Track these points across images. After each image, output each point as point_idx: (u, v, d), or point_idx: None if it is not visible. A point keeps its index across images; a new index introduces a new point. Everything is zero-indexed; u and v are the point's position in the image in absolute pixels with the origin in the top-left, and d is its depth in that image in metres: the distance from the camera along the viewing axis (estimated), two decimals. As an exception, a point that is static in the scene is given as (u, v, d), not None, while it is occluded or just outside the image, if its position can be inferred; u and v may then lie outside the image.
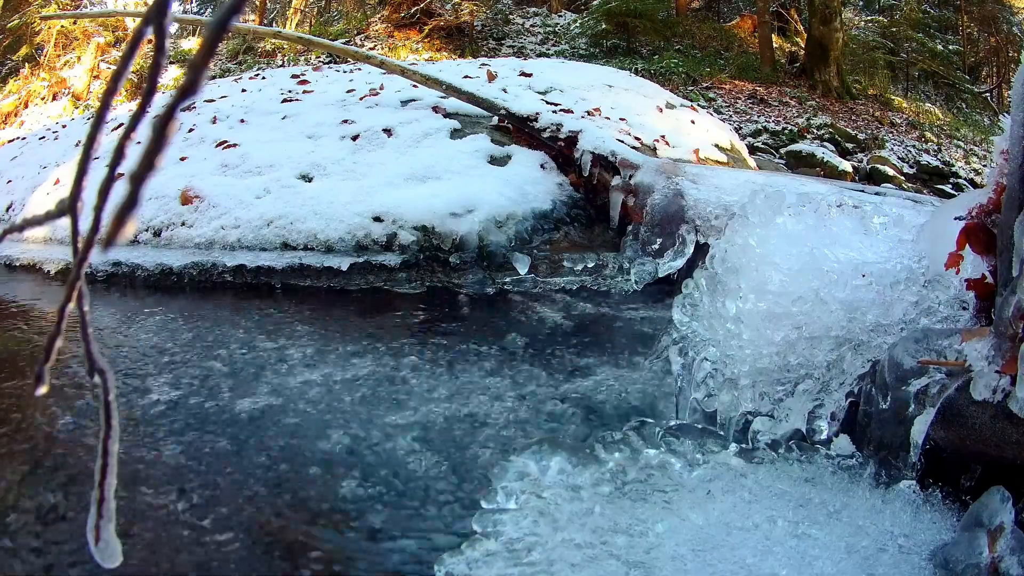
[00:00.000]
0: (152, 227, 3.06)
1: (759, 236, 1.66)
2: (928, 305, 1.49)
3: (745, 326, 1.58)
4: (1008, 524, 1.07)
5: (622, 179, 2.95)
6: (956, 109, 16.71)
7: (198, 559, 1.22)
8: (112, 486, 0.49)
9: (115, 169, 0.40)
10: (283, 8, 20.01)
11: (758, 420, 1.55)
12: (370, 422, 1.70)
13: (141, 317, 2.47)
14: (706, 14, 18.51)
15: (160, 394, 1.83)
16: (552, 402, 1.82)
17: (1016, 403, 1.11)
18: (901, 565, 1.12)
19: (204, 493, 1.41)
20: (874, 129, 12.84)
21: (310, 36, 6.45)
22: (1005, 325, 1.16)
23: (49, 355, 0.46)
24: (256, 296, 2.71)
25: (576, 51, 14.71)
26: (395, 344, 2.19)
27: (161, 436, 1.62)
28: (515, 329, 2.32)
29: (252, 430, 1.66)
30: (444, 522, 1.35)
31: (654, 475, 1.42)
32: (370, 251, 2.77)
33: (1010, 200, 1.28)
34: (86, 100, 14.28)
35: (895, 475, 1.33)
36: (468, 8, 15.18)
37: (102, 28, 14.86)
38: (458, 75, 4.36)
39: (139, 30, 0.41)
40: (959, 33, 18.62)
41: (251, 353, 2.11)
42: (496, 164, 3.23)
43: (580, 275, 2.75)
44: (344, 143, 3.48)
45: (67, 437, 1.61)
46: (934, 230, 1.54)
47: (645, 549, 1.18)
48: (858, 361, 1.48)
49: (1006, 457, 1.17)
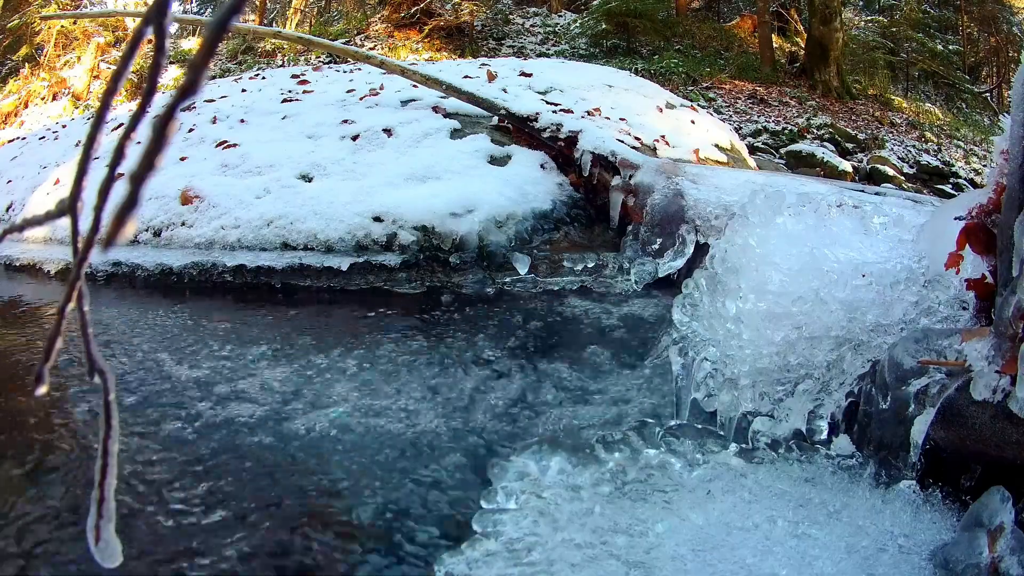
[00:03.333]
0: (152, 227, 3.06)
1: (759, 236, 1.66)
2: (928, 305, 1.49)
3: (745, 326, 1.58)
4: (1008, 524, 1.07)
5: (622, 179, 2.95)
6: (956, 109, 16.71)
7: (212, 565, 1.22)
8: (112, 486, 0.49)
9: (115, 169, 0.40)
10: (283, 8, 20.02)
11: (758, 420, 1.55)
12: (370, 421, 1.70)
13: (141, 317, 2.47)
14: (706, 14, 18.51)
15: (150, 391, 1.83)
16: (552, 402, 1.82)
17: (1016, 403, 1.12)
18: (901, 565, 1.12)
19: (204, 496, 1.41)
20: (874, 129, 12.84)
21: (310, 36, 6.45)
22: (1005, 325, 1.17)
23: (49, 355, 0.46)
24: (256, 296, 2.71)
25: (576, 51, 14.71)
26: (394, 344, 2.19)
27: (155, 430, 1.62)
28: (515, 329, 2.32)
29: (251, 430, 1.66)
30: (444, 522, 1.34)
31: (654, 475, 1.42)
32: (370, 251, 2.77)
33: (1010, 200, 1.28)
34: (86, 100, 14.28)
35: (895, 475, 1.33)
36: (468, 8, 15.18)
37: (102, 28, 14.86)
38: (458, 75, 4.36)
39: (139, 30, 0.41)
40: (959, 33, 18.62)
41: (249, 352, 2.11)
42: (496, 164, 3.23)
43: (580, 275, 2.75)
44: (344, 143, 3.48)
45: (67, 437, 1.61)
46: (934, 230, 1.54)
47: (645, 549, 1.18)
48: (858, 361, 1.48)
49: (1006, 457, 1.17)
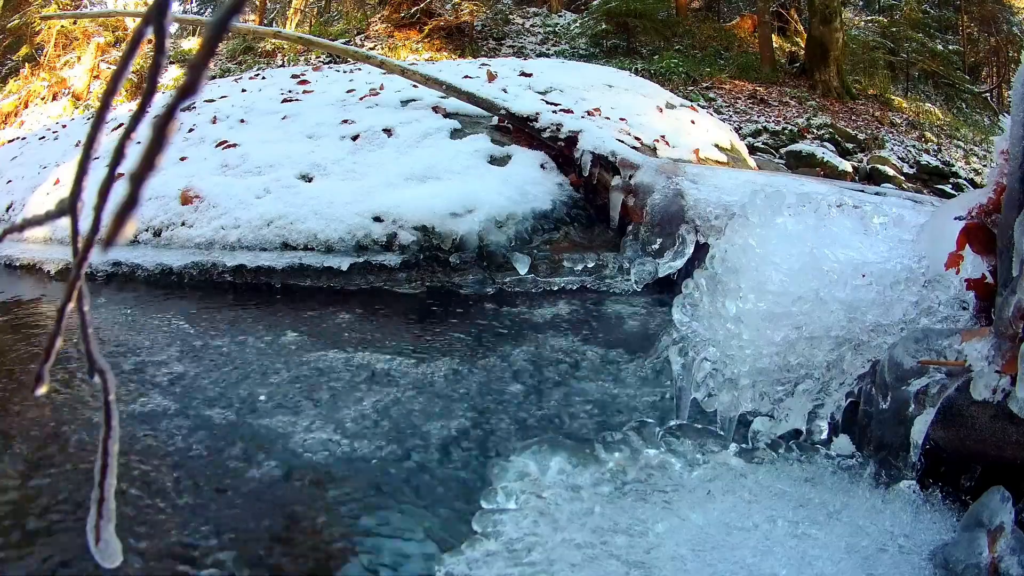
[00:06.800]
0: (152, 227, 3.06)
1: (759, 236, 1.66)
2: (928, 305, 1.49)
3: (745, 326, 1.58)
4: (1008, 524, 1.07)
5: (622, 179, 2.95)
6: (956, 109, 16.71)
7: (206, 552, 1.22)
8: (112, 486, 0.49)
9: (115, 169, 0.40)
10: (283, 8, 20.02)
11: (758, 420, 1.55)
12: (369, 421, 1.70)
13: (140, 317, 2.47)
14: (706, 14, 18.51)
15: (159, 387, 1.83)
16: (552, 402, 1.82)
17: (1016, 403, 1.12)
18: (901, 565, 1.12)
19: (200, 494, 1.41)
20: (874, 129, 12.84)
21: (310, 36, 6.45)
22: (1005, 325, 1.17)
23: (49, 355, 0.46)
24: (256, 296, 2.71)
25: (576, 51, 14.72)
26: (393, 344, 2.19)
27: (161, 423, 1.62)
28: (515, 329, 2.32)
29: (250, 430, 1.66)
30: (444, 522, 1.34)
31: (654, 475, 1.42)
32: (370, 251, 2.77)
33: (1010, 200, 1.28)
34: (86, 100, 14.29)
35: (895, 475, 1.33)
36: (468, 8, 15.18)
37: (102, 28, 14.87)
38: (458, 75, 4.36)
39: (139, 30, 0.41)
40: (959, 33, 18.62)
41: (247, 351, 2.11)
42: (496, 164, 3.23)
43: (580, 275, 2.75)
44: (344, 143, 3.48)
45: (67, 437, 1.61)
46: (934, 230, 1.54)
47: (645, 549, 1.18)
48: (858, 361, 1.48)
49: (1006, 457, 1.17)
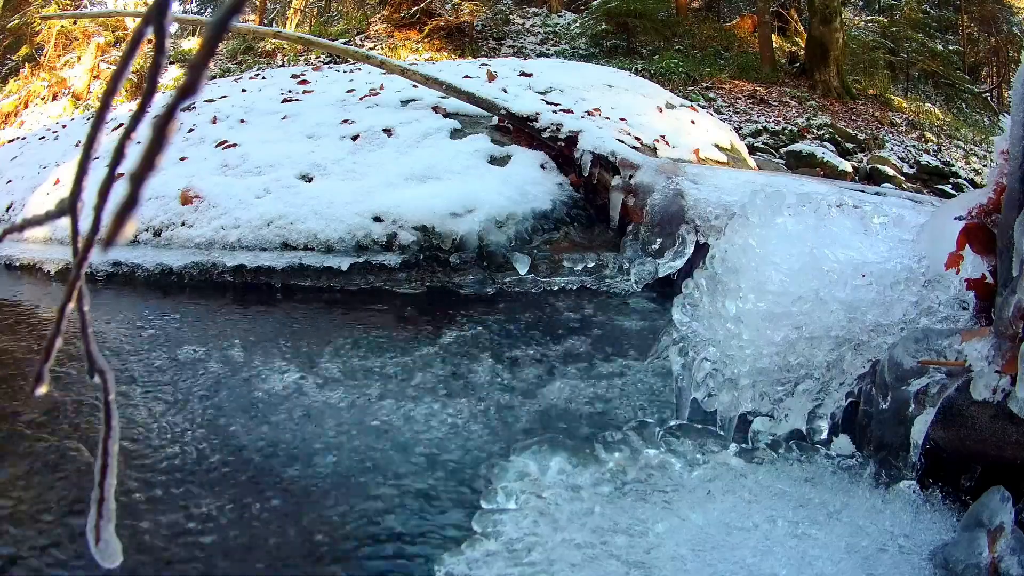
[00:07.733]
0: (152, 227, 3.06)
1: (759, 236, 1.66)
2: (928, 305, 1.49)
3: (745, 326, 1.58)
4: (1008, 524, 1.07)
5: (622, 179, 2.95)
6: (956, 109, 16.71)
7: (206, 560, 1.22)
8: (112, 486, 0.49)
9: (115, 169, 0.40)
10: (283, 8, 20.02)
11: (758, 420, 1.55)
12: (368, 421, 1.70)
13: (139, 317, 2.47)
14: (706, 14, 18.50)
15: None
16: (551, 402, 1.82)
17: (1016, 403, 1.12)
18: (901, 565, 1.12)
19: (197, 493, 1.41)
20: (874, 129, 12.84)
21: (310, 36, 6.45)
22: (1005, 325, 1.17)
23: (49, 355, 0.46)
24: (256, 296, 2.71)
25: (576, 51, 14.72)
26: (393, 343, 2.19)
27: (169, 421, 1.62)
28: (515, 329, 2.32)
29: (248, 429, 1.66)
30: (444, 522, 1.34)
31: (654, 475, 1.42)
32: (370, 251, 2.77)
33: (1010, 200, 1.28)
34: (86, 100, 14.28)
35: (895, 475, 1.33)
36: (468, 8, 15.18)
37: (102, 28, 14.86)
38: (458, 75, 4.36)
39: (139, 30, 0.41)
40: (959, 33, 18.61)
41: (249, 352, 2.11)
42: (496, 164, 3.23)
43: (580, 275, 2.75)
44: (344, 143, 3.48)
45: (67, 436, 1.61)
46: (934, 230, 1.54)
47: (645, 549, 1.18)
48: (858, 361, 1.48)
49: (1006, 457, 1.17)
